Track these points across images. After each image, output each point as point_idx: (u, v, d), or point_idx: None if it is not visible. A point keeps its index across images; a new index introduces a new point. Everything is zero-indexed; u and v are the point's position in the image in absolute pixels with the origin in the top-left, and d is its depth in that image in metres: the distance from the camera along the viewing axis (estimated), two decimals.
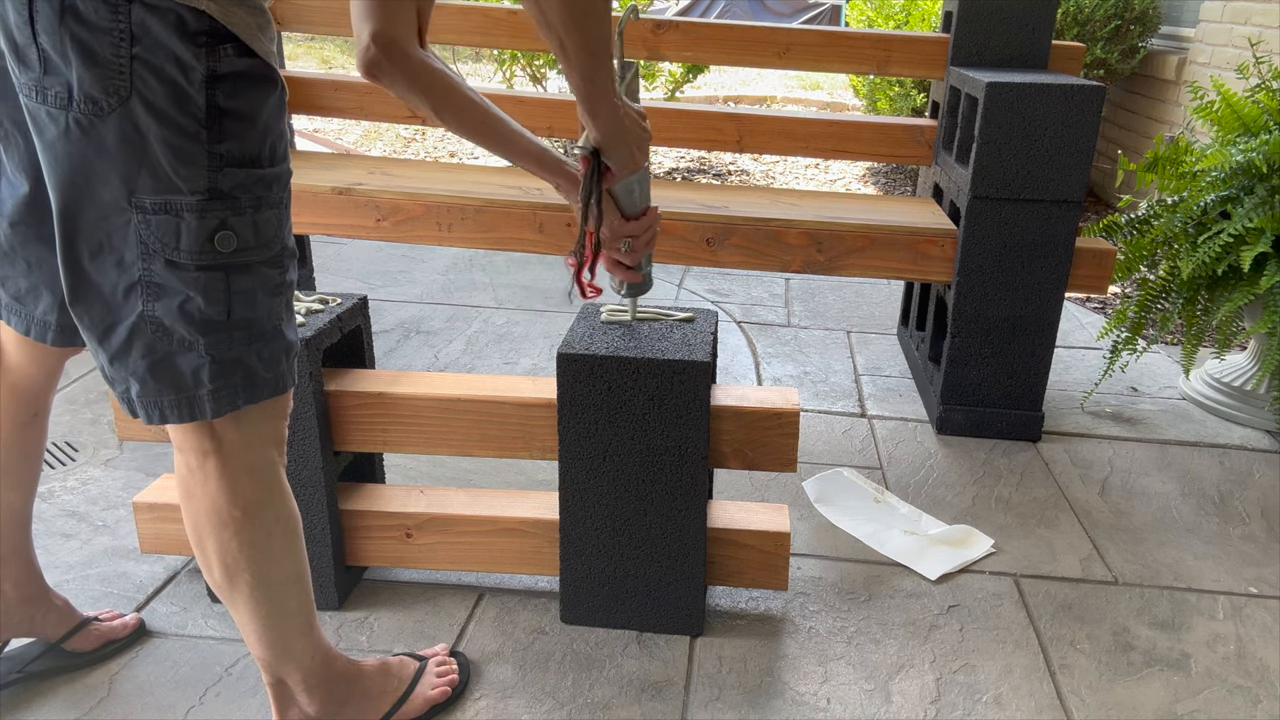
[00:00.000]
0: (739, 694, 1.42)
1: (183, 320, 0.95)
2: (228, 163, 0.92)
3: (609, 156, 1.19)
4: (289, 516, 1.12)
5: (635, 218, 1.31)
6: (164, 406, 0.99)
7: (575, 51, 1.05)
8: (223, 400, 1.00)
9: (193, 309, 0.95)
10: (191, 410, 0.99)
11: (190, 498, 1.07)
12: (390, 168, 2.41)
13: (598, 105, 1.11)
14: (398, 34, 1.03)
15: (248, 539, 1.08)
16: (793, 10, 10.55)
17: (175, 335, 0.96)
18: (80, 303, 0.96)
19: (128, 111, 0.87)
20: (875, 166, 5.41)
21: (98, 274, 0.94)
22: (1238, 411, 2.36)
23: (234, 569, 1.09)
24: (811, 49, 2.42)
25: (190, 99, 0.89)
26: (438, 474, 2.01)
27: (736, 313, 3.01)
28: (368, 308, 1.61)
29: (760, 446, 1.48)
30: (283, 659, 1.18)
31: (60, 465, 1.98)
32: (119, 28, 0.85)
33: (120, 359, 0.97)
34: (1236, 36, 3.65)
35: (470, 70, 8.33)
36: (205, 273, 0.94)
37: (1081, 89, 1.97)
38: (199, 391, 0.98)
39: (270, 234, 0.98)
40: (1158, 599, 1.68)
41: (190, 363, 0.97)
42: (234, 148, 0.92)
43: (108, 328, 0.96)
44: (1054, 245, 2.09)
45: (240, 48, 0.91)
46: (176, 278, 0.93)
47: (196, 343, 0.96)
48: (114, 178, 0.90)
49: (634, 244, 1.32)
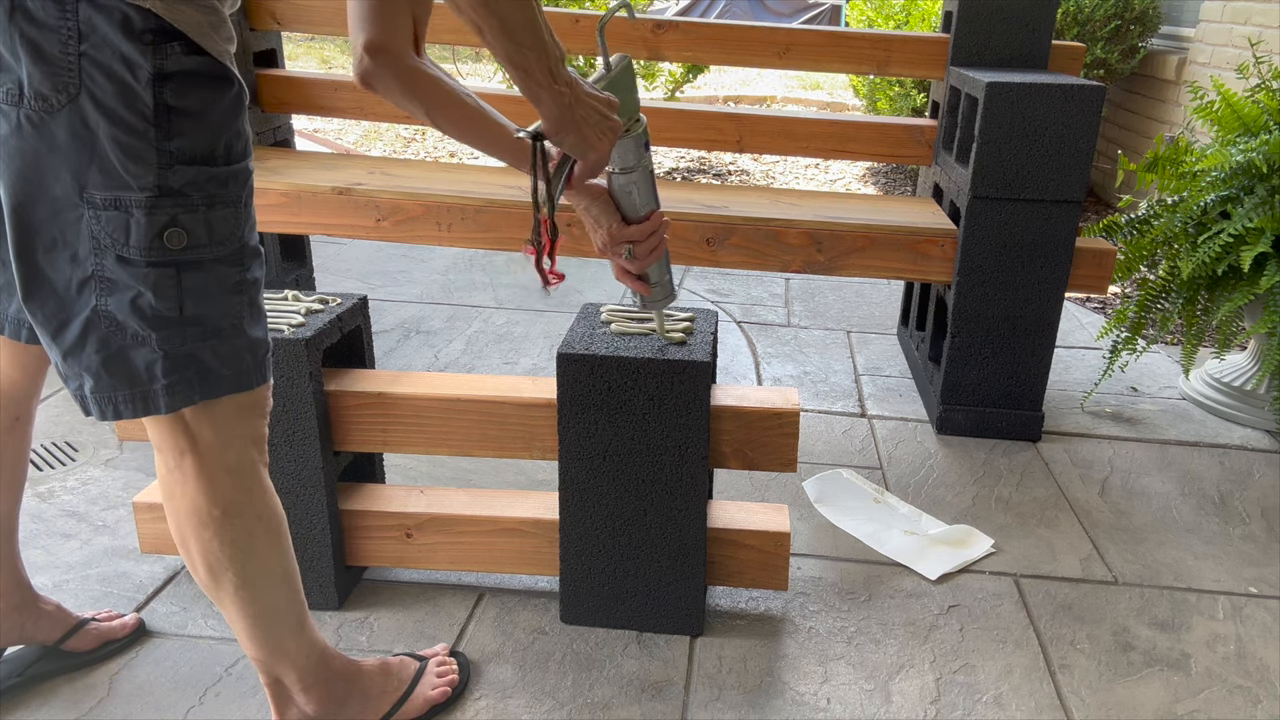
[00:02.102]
0: (739, 694, 1.42)
1: (135, 315, 0.95)
2: (178, 160, 0.93)
3: (559, 143, 1.12)
4: (271, 514, 1.12)
5: (637, 221, 1.26)
6: (118, 401, 0.99)
7: (493, 35, 1.00)
8: (177, 395, 0.99)
9: (144, 304, 0.95)
10: (145, 405, 0.99)
11: (171, 498, 1.07)
12: (390, 168, 2.41)
13: (536, 92, 1.06)
14: (392, 43, 1.02)
15: (229, 538, 1.08)
16: (793, 10, 10.55)
17: (128, 330, 0.96)
18: (34, 298, 0.96)
19: (77, 108, 0.88)
20: (875, 166, 5.41)
21: (51, 269, 0.95)
22: (1238, 411, 2.36)
23: (217, 568, 1.09)
24: (811, 49, 2.42)
25: (138, 96, 0.89)
26: (438, 474, 2.01)
27: (736, 313, 3.01)
28: (368, 308, 1.61)
29: (760, 446, 1.48)
30: (276, 658, 1.18)
31: (60, 465, 1.98)
32: (66, 25, 0.86)
33: (74, 354, 0.97)
34: (1236, 36, 3.65)
35: (470, 70, 8.33)
36: (155, 269, 0.94)
37: (1081, 89, 1.97)
38: (153, 386, 0.98)
39: (226, 231, 0.98)
40: (1158, 599, 1.68)
41: (143, 357, 0.97)
42: (184, 145, 0.93)
43: (61, 323, 0.97)
44: (1054, 245, 2.09)
45: (189, 45, 0.91)
46: (127, 273, 0.94)
47: (149, 338, 0.96)
48: (65, 173, 0.91)
49: (636, 250, 1.26)
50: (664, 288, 1.34)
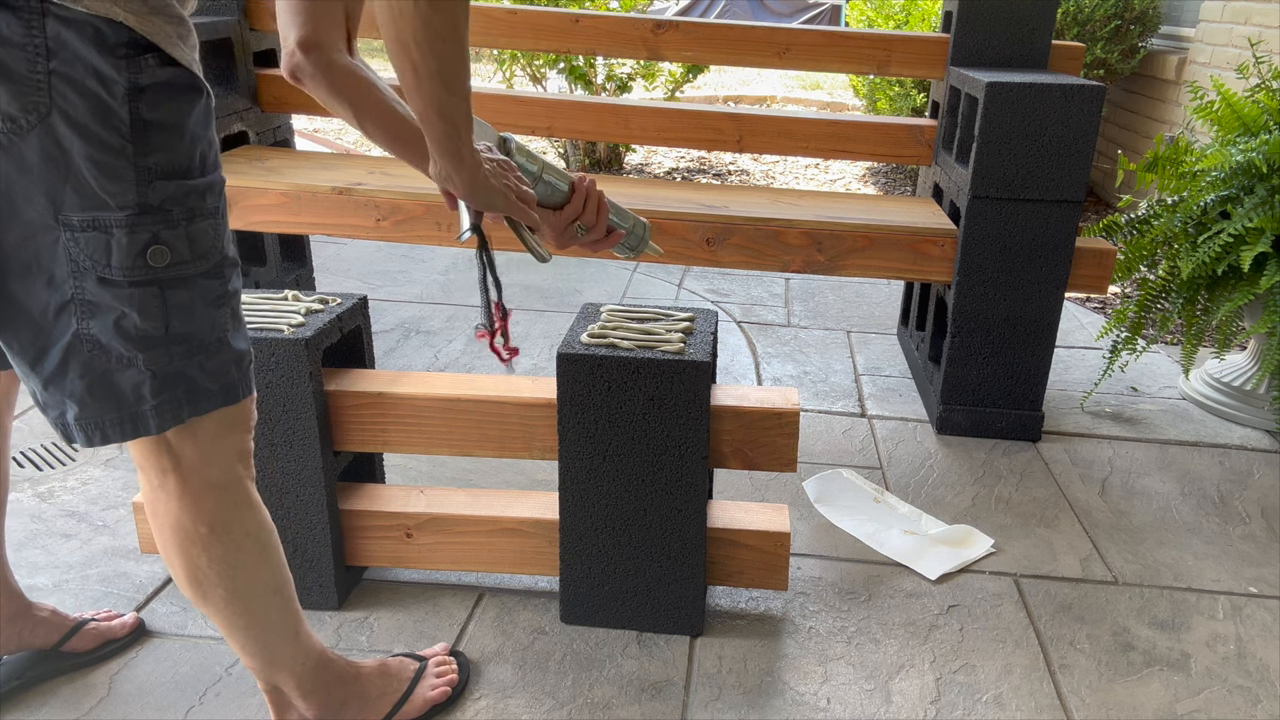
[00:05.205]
0: (739, 694, 1.42)
1: (119, 337, 0.92)
2: (157, 175, 0.90)
3: (485, 206, 1.10)
4: (259, 529, 1.10)
5: (567, 202, 1.24)
6: (105, 426, 0.96)
7: (429, 80, 0.95)
8: (166, 414, 0.97)
9: (129, 325, 0.92)
10: (135, 427, 0.96)
11: (155, 515, 1.06)
12: (390, 167, 2.41)
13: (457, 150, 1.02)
14: (323, 39, 1.00)
15: (217, 555, 1.06)
16: (793, 10, 10.56)
17: (113, 352, 0.93)
18: (8, 327, 0.92)
19: (48, 128, 0.84)
20: (875, 166, 5.41)
21: (25, 295, 0.91)
22: (1238, 411, 2.36)
23: (206, 584, 1.08)
24: (811, 49, 2.42)
25: (113, 112, 0.86)
26: (438, 474, 2.01)
27: (736, 313, 3.01)
28: (368, 308, 1.61)
29: (760, 446, 1.48)
30: (272, 666, 1.17)
31: (60, 465, 1.98)
32: (34, 43, 0.82)
33: (56, 382, 0.94)
34: (1236, 36, 3.65)
35: (470, 70, 8.33)
36: (139, 289, 0.91)
37: (1081, 89, 1.97)
38: (141, 407, 0.96)
39: (207, 245, 0.95)
40: (1158, 599, 1.68)
41: (130, 379, 0.94)
42: (162, 160, 0.90)
43: (40, 350, 0.93)
44: (1054, 245, 2.09)
45: (162, 57, 0.88)
46: (110, 295, 0.90)
47: (135, 359, 0.93)
48: (39, 196, 0.87)
49: (584, 222, 1.24)
50: (633, 228, 1.32)
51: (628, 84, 4.83)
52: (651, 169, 5.26)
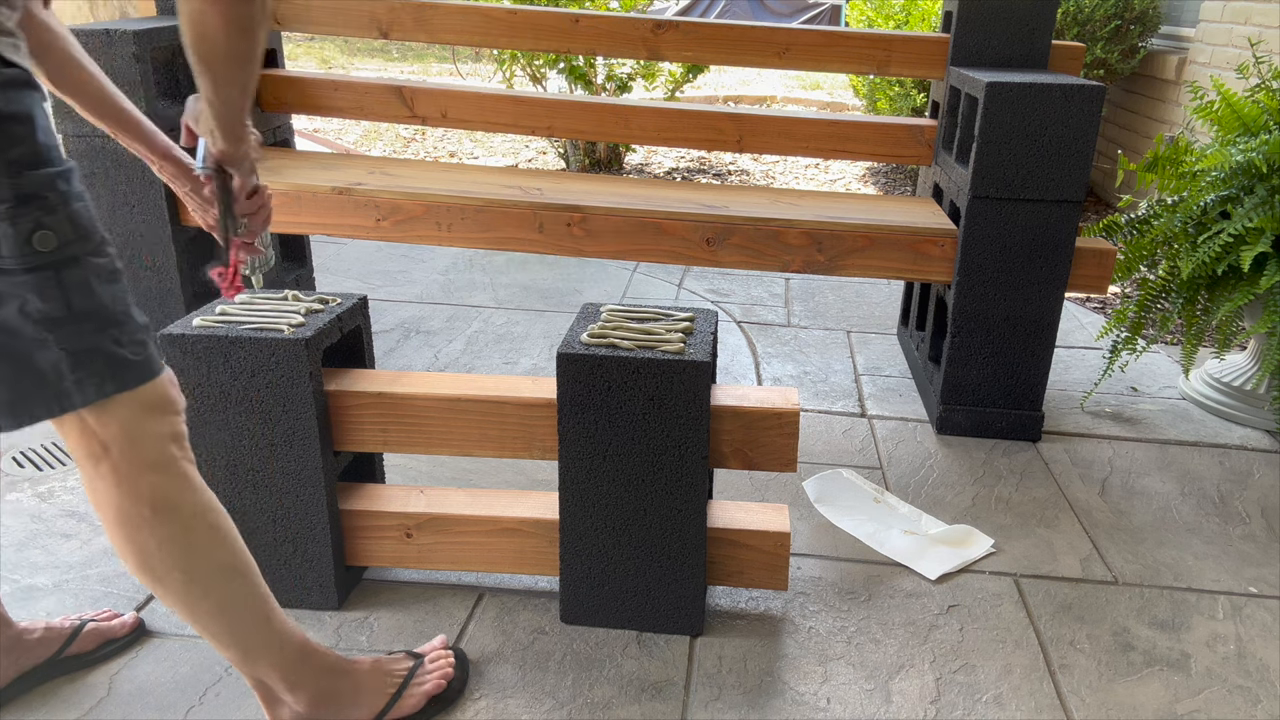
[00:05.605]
0: (739, 694, 1.42)
1: (27, 321, 0.96)
2: (24, 167, 0.94)
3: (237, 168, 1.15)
4: (207, 509, 1.11)
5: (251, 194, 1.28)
6: (33, 405, 0.99)
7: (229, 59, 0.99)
8: (89, 388, 1.00)
9: (32, 310, 0.96)
10: (60, 403, 1.00)
11: (98, 505, 1.07)
12: (390, 168, 2.41)
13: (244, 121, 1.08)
14: None
15: (165, 535, 1.07)
16: (793, 10, 10.56)
17: (25, 335, 0.97)
18: None
19: None
20: (875, 166, 5.41)
21: None
22: (1238, 411, 2.36)
23: (159, 569, 1.08)
24: (811, 49, 2.42)
25: None
26: (438, 474, 2.01)
27: (736, 313, 3.01)
28: (368, 308, 1.61)
29: (760, 446, 1.48)
30: (249, 656, 1.17)
31: (60, 465, 1.98)
32: None
33: None
34: (1236, 36, 3.65)
35: (470, 70, 8.33)
36: (34, 274, 0.96)
37: (1081, 89, 1.97)
38: (63, 384, 0.99)
39: (86, 224, 1.00)
40: (1158, 599, 1.68)
41: (48, 359, 0.98)
42: (24, 152, 0.95)
43: None
44: (1054, 245, 2.09)
45: (4, 60, 0.94)
46: (8, 283, 0.95)
47: (47, 339, 0.97)
48: None
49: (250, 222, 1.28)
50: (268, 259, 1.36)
51: (628, 84, 4.84)
52: (651, 169, 5.26)
